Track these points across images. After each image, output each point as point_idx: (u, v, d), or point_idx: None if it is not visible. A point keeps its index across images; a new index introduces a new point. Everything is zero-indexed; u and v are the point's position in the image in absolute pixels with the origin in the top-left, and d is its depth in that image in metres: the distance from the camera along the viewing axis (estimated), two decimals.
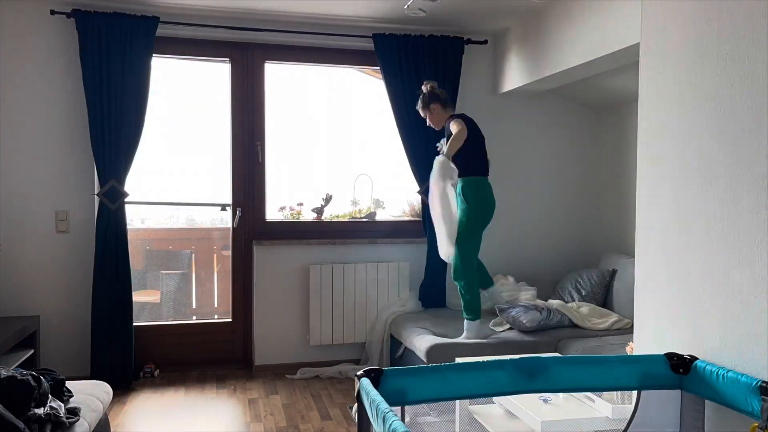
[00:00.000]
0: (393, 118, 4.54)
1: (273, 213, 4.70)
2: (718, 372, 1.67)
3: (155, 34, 4.13)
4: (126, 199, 4.15)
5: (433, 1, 3.91)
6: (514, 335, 3.88)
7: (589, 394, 2.61)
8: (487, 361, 1.79)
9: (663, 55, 1.98)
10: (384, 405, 1.42)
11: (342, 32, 4.48)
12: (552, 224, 5.03)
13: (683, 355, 1.81)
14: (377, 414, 1.41)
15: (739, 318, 1.67)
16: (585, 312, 4.11)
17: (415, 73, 4.51)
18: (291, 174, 4.88)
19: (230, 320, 4.64)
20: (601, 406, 2.54)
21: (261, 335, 4.51)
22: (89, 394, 2.65)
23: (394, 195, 5.11)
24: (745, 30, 1.66)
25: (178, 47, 4.40)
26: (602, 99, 4.79)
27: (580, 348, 3.61)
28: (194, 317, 5.41)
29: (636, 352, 2.10)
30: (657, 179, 2.00)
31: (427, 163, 4.53)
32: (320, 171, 4.99)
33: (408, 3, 3.95)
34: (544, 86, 4.51)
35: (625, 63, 3.58)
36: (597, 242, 4.99)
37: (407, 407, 1.76)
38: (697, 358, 1.78)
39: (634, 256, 2.13)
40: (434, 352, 3.61)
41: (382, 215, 5.04)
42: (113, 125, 4.07)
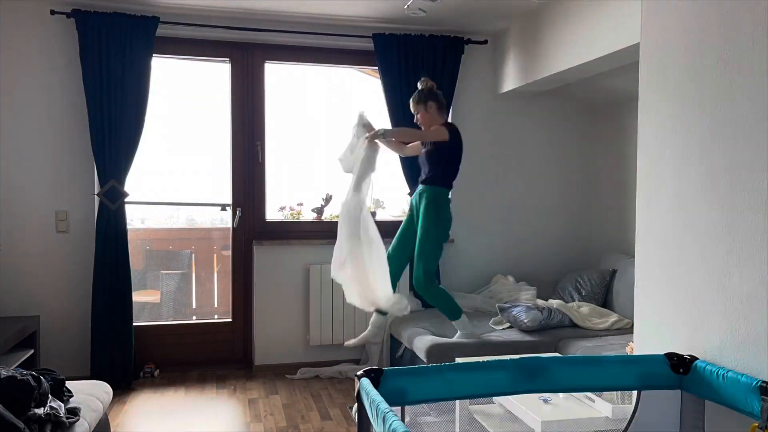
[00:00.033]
0: (389, 119, 4.54)
1: (273, 213, 4.70)
2: (718, 372, 1.67)
3: (155, 34, 4.13)
4: (126, 199, 4.15)
5: (433, 1, 3.91)
6: (515, 335, 3.88)
7: (589, 394, 2.61)
8: (487, 361, 1.79)
9: (663, 55, 1.98)
10: (384, 405, 1.42)
11: (342, 32, 4.48)
12: (552, 224, 5.03)
13: (683, 355, 1.81)
14: (377, 414, 1.41)
15: (739, 318, 1.67)
16: (585, 312, 4.11)
17: (415, 74, 4.50)
18: (291, 174, 4.88)
19: (230, 320, 4.64)
20: (601, 406, 2.54)
21: (261, 335, 4.51)
22: (89, 394, 2.65)
23: (394, 195, 5.11)
24: (745, 30, 1.66)
25: (178, 47, 4.40)
26: (602, 99, 4.79)
27: (580, 348, 3.61)
28: (194, 317, 5.42)
29: (636, 352, 2.10)
30: (657, 179, 2.00)
31: (419, 166, 4.53)
32: (320, 171, 4.98)
33: (408, 3, 3.95)
34: (544, 86, 4.51)
35: (625, 63, 3.58)
36: (597, 242, 4.99)
37: (407, 407, 1.76)
38: (697, 358, 1.78)
39: (634, 256, 2.13)
40: (434, 352, 3.62)
41: (382, 215, 5.03)
42: (113, 125, 4.07)
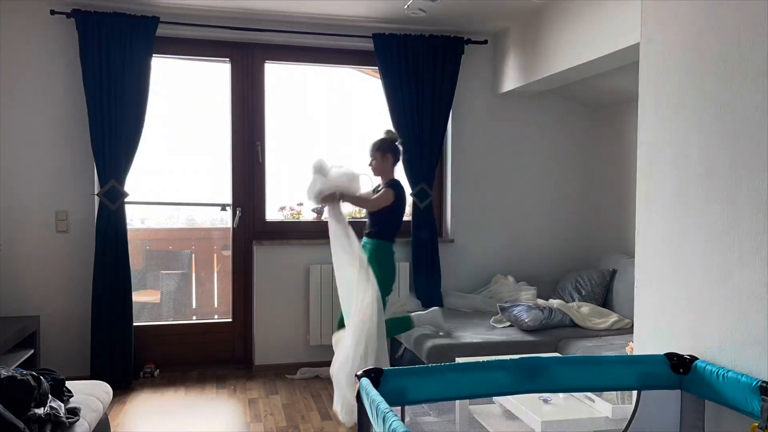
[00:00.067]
0: (389, 119, 4.53)
1: (273, 213, 4.70)
2: (718, 372, 1.67)
3: (155, 34, 4.13)
4: (126, 199, 4.15)
5: (433, 1, 3.91)
6: (515, 334, 3.88)
7: (589, 394, 2.61)
8: (487, 361, 1.79)
9: (663, 55, 1.98)
10: (384, 405, 1.42)
11: (342, 32, 4.48)
12: (552, 224, 5.03)
13: (683, 355, 1.81)
14: (377, 414, 1.41)
15: (739, 318, 1.67)
16: (585, 312, 4.11)
17: (415, 74, 4.51)
18: (291, 174, 4.88)
19: (230, 320, 4.64)
20: (601, 406, 2.55)
21: (261, 335, 4.51)
22: (89, 394, 2.65)
23: None
24: (745, 30, 1.66)
25: (178, 47, 4.40)
26: (602, 99, 4.79)
27: (581, 348, 3.61)
28: (194, 317, 5.42)
29: (636, 352, 2.10)
30: (657, 179, 2.00)
31: (421, 165, 4.55)
32: None
33: (408, 3, 3.95)
34: (544, 86, 4.51)
35: (625, 63, 3.58)
36: (597, 242, 4.99)
37: (407, 407, 1.76)
38: (697, 358, 1.78)
39: (634, 256, 2.12)
40: (434, 352, 3.62)
41: None
42: (113, 125, 4.07)
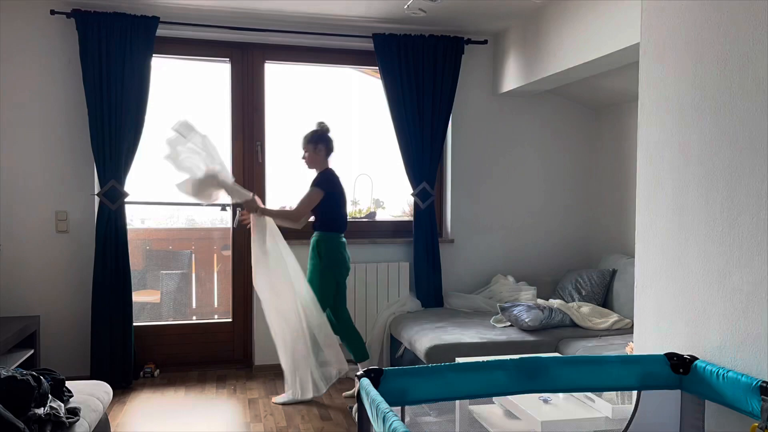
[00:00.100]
0: (390, 118, 4.53)
1: None
2: (718, 372, 1.67)
3: (155, 34, 4.13)
4: (126, 199, 4.15)
5: (433, 1, 3.91)
6: (515, 334, 3.88)
7: (589, 394, 2.61)
8: (487, 361, 1.79)
9: (663, 55, 1.98)
10: (384, 405, 1.42)
11: (342, 32, 4.48)
12: (552, 224, 5.03)
13: (683, 355, 1.81)
14: (377, 414, 1.41)
15: (739, 318, 1.67)
16: (586, 312, 4.11)
17: (415, 74, 4.51)
18: (291, 174, 4.88)
19: (230, 320, 4.64)
20: (601, 406, 2.54)
21: (261, 335, 4.50)
22: (89, 394, 2.65)
23: (394, 195, 5.11)
24: (745, 30, 1.66)
25: (178, 47, 4.40)
26: (602, 99, 4.79)
27: (581, 348, 3.61)
28: (194, 317, 5.42)
29: (636, 352, 2.10)
30: (657, 179, 2.00)
31: (422, 165, 4.56)
32: None
33: (408, 3, 3.95)
34: (544, 86, 4.51)
35: (625, 63, 3.58)
36: (597, 242, 4.99)
37: (407, 407, 1.76)
38: (697, 358, 1.78)
39: (634, 256, 2.13)
40: (434, 352, 3.62)
41: (382, 215, 5.04)
42: (113, 125, 4.07)
